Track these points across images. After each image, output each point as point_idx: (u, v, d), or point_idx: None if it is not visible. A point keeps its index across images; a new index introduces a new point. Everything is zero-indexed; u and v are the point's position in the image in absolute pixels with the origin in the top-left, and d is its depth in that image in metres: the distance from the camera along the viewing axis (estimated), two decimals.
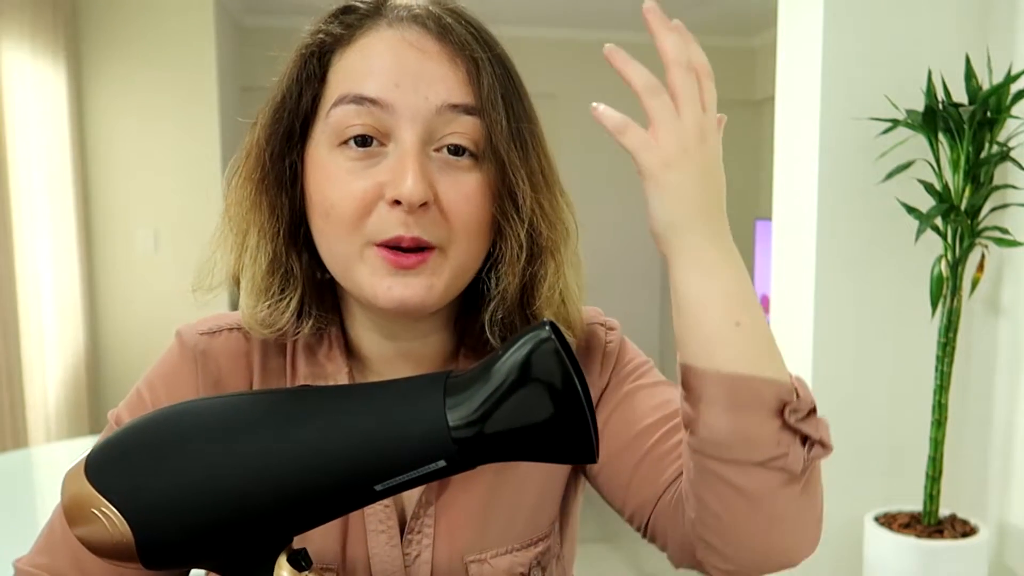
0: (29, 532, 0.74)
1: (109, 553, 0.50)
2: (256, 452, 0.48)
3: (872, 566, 2.08)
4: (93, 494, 0.49)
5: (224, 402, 0.52)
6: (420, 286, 0.60)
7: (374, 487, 0.47)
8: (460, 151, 0.61)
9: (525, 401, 0.45)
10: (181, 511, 0.48)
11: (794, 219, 2.28)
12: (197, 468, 0.48)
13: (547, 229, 0.64)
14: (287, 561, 0.51)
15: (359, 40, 0.62)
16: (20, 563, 0.68)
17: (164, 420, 0.51)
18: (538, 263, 0.64)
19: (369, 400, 0.49)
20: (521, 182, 0.62)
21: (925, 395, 2.17)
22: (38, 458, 2.15)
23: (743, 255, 0.59)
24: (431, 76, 0.60)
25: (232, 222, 0.66)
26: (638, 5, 0.56)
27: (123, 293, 3.78)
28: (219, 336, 0.70)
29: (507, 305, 0.65)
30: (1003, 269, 2.20)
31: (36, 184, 3.20)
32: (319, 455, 0.47)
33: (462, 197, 0.61)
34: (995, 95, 1.91)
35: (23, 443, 2.99)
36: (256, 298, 0.65)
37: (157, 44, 3.72)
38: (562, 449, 0.46)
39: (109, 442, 0.51)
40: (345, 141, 0.60)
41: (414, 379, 0.50)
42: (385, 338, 0.68)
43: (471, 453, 0.46)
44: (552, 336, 0.45)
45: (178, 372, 0.69)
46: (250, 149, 0.65)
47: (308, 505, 0.48)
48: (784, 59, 2.33)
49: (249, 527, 0.49)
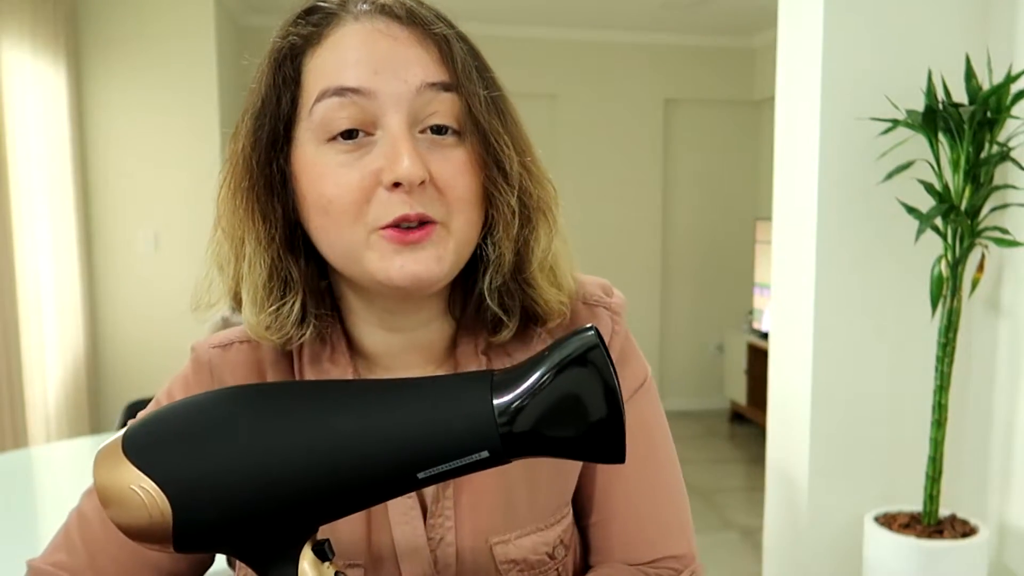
0: (29, 532, 0.74)
1: (142, 533, 0.50)
2: (305, 437, 0.49)
3: (872, 566, 2.08)
4: (133, 471, 0.49)
5: (271, 388, 0.53)
6: (430, 259, 0.61)
7: (417, 475, 0.49)
8: (443, 130, 0.62)
9: (570, 404, 0.47)
10: (224, 492, 0.49)
11: (794, 219, 2.28)
12: (245, 450, 0.49)
13: (537, 190, 0.66)
14: (311, 551, 0.52)
15: (329, 37, 0.63)
16: (36, 562, 0.69)
17: (209, 402, 0.52)
18: (530, 227, 0.66)
19: (416, 391, 0.50)
20: (505, 147, 0.63)
21: (925, 395, 2.17)
22: (38, 458, 2.15)
23: (743, 255, 0.60)
24: (406, 59, 0.61)
25: (226, 233, 0.66)
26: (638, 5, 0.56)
27: (123, 293, 3.78)
28: (231, 349, 0.72)
29: (504, 271, 0.66)
30: (1003, 269, 2.20)
31: (36, 184, 3.20)
32: (367, 441, 0.49)
33: (455, 171, 0.62)
34: (995, 95, 1.91)
35: (23, 443, 2.99)
36: (260, 307, 0.66)
37: (157, 44, 3.72)
38: (596, 450, 0.48)
39: (148, 421, 0.51)
40: (332, 137, 0.61)
41: (459, 375, 0.52)
42: (389, 331, 0.69)
43: (513, 447, 0.48)
44: (599, 343, 0.48)
45: (195, 385, 0.71)
46: (235, 159, 0.65)
47: (352, 490, 0.50)
48: (784, 59, 2.33)
49: (289, 511, 0.50)
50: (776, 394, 2.42)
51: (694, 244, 5.45)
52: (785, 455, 2.35)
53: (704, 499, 3.71)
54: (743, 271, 5.35)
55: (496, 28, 4.86)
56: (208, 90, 3.77)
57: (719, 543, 3.20)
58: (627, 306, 0.77)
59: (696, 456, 4.38)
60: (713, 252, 5.46)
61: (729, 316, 5.42)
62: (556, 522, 0.72)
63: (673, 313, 5.47)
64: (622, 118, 5.20)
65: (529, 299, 0.68)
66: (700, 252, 5.46)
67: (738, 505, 3.66)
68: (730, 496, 3.77)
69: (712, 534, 3.29)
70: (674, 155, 5.35)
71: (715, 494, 3.78)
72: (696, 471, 4.10)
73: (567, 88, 5.12)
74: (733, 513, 3.55)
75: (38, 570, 0.68)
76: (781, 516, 2.40)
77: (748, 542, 3.21)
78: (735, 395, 4.97)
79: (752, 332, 4.82)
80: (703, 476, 4.03)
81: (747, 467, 4.22)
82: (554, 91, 5.11)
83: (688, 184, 5.38)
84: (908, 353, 2.25)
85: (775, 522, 2.44)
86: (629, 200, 5.28)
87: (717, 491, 3.83)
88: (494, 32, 4.87)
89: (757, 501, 3.61)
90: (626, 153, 5.24)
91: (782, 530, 2.40)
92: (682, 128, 5.34)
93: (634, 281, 5.29)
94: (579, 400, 0.47)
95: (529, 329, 0.70)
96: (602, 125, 5.19)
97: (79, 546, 0.68)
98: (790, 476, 2.32)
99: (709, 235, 5.44)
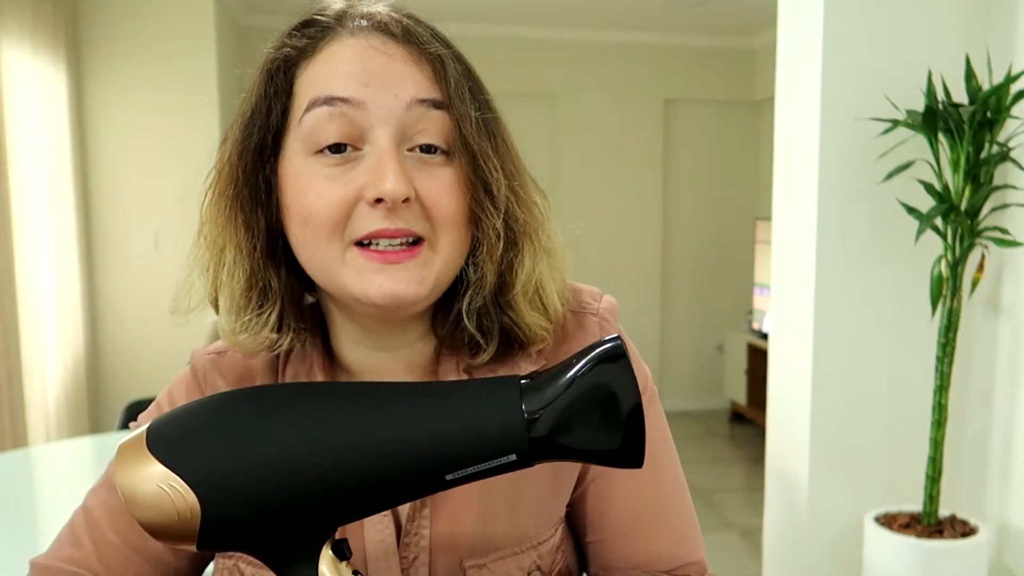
0: (29, 532, 0.74)
1: (168, 531, 0.49)
2: (338, 436, 0.49)
3: (872, 566, 2.08)
4: (162, 469, 0.49)
5: (298, 389, 0.53)
6: (412, 280, 0.61)
7: (445, 476, 0.50)
8: (432, 149, 0.62)
9: (595, 410, 0.49)
10: (255, 491, 0.48)
11: (794, 219, 2.28)
12: (277, 449, 0.49)
13: (524, 214, 0.65)
14: (331, 550, 0.52)
15: (324, 50, 0.63)
16: (41, 559, 0.69)
17: (238, 400, 0.52)
18: (515, 250, 0.65)
19: (445, 394, 0.51)
20: (494, 170, 0.63)
21: (925, 395, 2.17)
22: (38, 458, 2.15)
23: (743, 255, 0.60)
24: (398, 75, 0.61)
25: (207, 240, 0.67)
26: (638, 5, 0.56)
27: (123, 293, 3.79)
28: (225, 356, 0.72)
29: (485, 292, 0.66)
30: (1003, 269, 2.20)
31: (36, 184, 3.20)
32: (397, 442, 0.49)
33: (442, 189, 0.61)
34: (995, 95, 1.91)
35: (23, 443, 2.99)
36: (236, 315, 0.65)
37: (157, 44, 3.72)
38: (618, 455, 0.50)
39: (173, 419, 0.51)
40: (320, 149, 0.61)
41: (487, 379, 0.52)
42: (373, 349, 0.69)
43: (539, 450, 0.50)
44: (626, 353, 0.49)
45: (194, 389, 0.72)
46: (222, 166, 0.65)
47: (380, 490, 0.50)
48: (784, 59, 2.33)
49: (317, 511, 0.50)
50: (776, 394, 2.42)
51: (694, 244, 5.45)
52: (785, 455, 2.35)
53: (704, 499, 3.71)
54: (743, 271, 5.35)
55: (496, 28, 4.86)
56: (208, 90, 3.77)
57: (719, 543, 3.20)
58: (618, 309, 0.76)
59: (696, 456, 4.38)
60: (713, 252, 5.46)
61: (729, 316, 5.42)
62: (534, 546, 0.70)
63: (673, 313, 5.46)
64: (622, 118, 5.20)
65: (510, 322, 0.67)
66: (700, 252, 5.46)
67: (738, 505, 3.66)
68: (730, 496, 3.77)
69: (712, 534, 3.29)
70: (674, 155, 5.35)
71: (715, 494, 3.78)
72: (696, 471, 4.10)
73: (567, 88, 5.12)
74: (733, 513, 3.55)
75: (44, 567, 0.68)
76: (781, 516, 2.40)
77: (748, 542, 3.21)
78: (735, 395, 4.97)
79: (752, 332, 4.82)
80: (703, 476, 4.03)
81: (747, 467, 4.22)
82: (554, 91, 5.11)
83: (688, 184, 5.38)
84: (908, 353, 2.25)
85: (775, 522, 2.44)
86: (629, 200, 5.28)
87: (717, 491, 3.83)
88: (495, 32, 4.87)
89: (757, 501, 3.61)
90: (626, 153, 5.23)
91: (782, 530, 2.40)
92: (682, 128, 5.34)
93: (634, 281, 5.29)
94: (604, 406, 0.49)
95: (512, 351, 0.69)
96: (602, 125, 5.18)
97: (86, 542, 0.68)
98: (790, 476, 2.32)
99: (709, 235, 5.44)
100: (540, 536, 0.71)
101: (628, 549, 0.72)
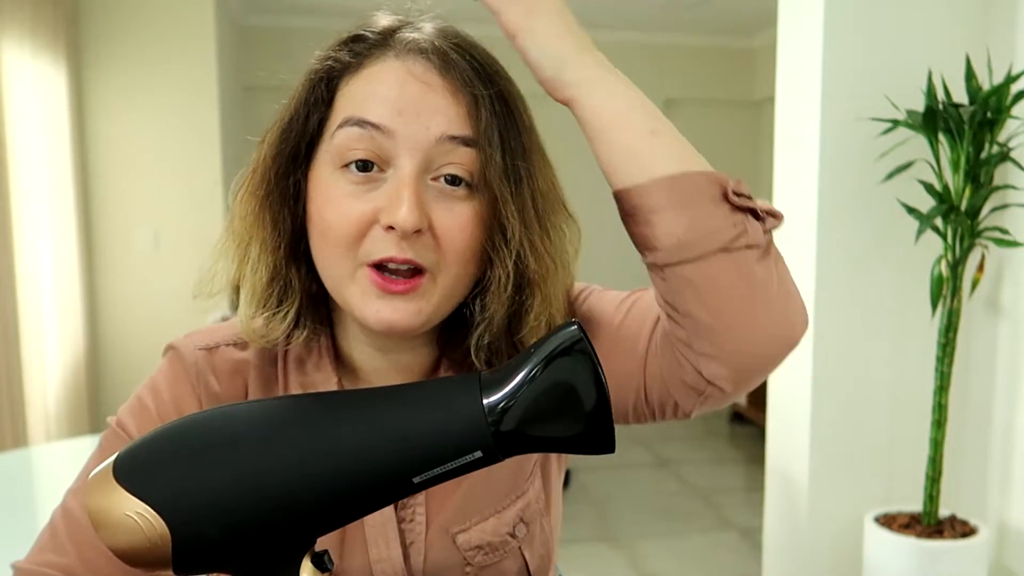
0: (29, 532, 0.74)
1: (141, 559, 0.50)
2: (300, 450, 0.49)
3: (872, 566, 2.08)
4: (128, 497, 0.49)
5: (260, 406, 0.53)
6: (408, 311, 0.63)
7: (412, 479, 0.50)
8: (457, 181, 0.63)
9: (559, 399, 0.48)
10: (222, 511, 0.49)
11: (794, 219, 2.28)
12: (240, 468, 0.49)
13: (535, 263, 0.66)
14: (311, 563, 0.52)
15: (367, 68, 0.65)
16: (23, 563, 0.68)
17: (200, 424, 0.52)
18: (526, 293, 0.66)
19: (404, 397, 0.51)
20: (511, 216, 0.64)
21: (925, 395, 2.17)
22: (38, 458, 2.15)
23: None
24: (433, 107, 0.63)
25: (235, 234, 0.69)
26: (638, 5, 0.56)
27: (123, 293, 3.78)
28: (217, 352, 0.72)
29: (493, 331, 0.67)
30: (1003, 269, 2.20)
31: (36, 184, 3.20)
32: (361, 450, 0.49)
33: (456, 225, 0.63)
34: (995, 95, 1.91)
35: (23, 443, 2.99)
36: (255, 308, 0.68)
37: (157, 43, 3.72)
38: (587, 442, 0.49)
39: (138, 447, 0.51)
40: (347, 164, 0.63)
41: (446, 378, 0.53)
42: (378, 351, 0.71)
43: (505, 445, 0.49)
44: (584, 337, 0.49)
45: (181, 385, 0.71)
46: (256, 166, 0.68)
47: (350, 500, 0.50)
48: (784, 59, 2.33)
49: (288, 525, 0.50)
50: (776, 394, 2.42)
51: None
52: (785, 455, 2.35)
53: (704, 499, 3.71)
54: None
55: (497, 28, 4.86)
56: (208, 90, 3.77)
57: (719, 543, 3.20)
58: (574, 281, 0.75)
59: (696, 456, 4.38)
60: None
61: None
62: (511, 503, 0.73)
63: None
64: None
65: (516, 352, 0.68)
66: None
67: (738, 505, 3.65)
68: (730, 496, 3.77)
69: (712, 534, 3.29)
70: None
71: (715, 494, 3.78)
72: (696, 471, 4.10)
73: None
74: (733, 513, 3.55)
75: (26, 571, 0.67)
76: (781, 516, 2.40)
77: (748, 542, 3.21)
78: None
79: None
80: (703, 476, 4.03)
81: (747, 467, 4.22)
82: None
83: None
84: (908, 353, 2.25)
85: (775, 522, 2.44)
86: None
87: (717, 491, 3.83)
88: (495, 32, 4.87)
89: (757, 501, 3.60)
90: None
91: (782, 530, 2.40)
92: (682, 128, 5.23)
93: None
94: (567, 394, 0.48)
95: None
96: None
97: (68, 545, 0.67)
98: (790, 476, 2.32)
99: None
100: (515, 492, 0.73)
101: None
